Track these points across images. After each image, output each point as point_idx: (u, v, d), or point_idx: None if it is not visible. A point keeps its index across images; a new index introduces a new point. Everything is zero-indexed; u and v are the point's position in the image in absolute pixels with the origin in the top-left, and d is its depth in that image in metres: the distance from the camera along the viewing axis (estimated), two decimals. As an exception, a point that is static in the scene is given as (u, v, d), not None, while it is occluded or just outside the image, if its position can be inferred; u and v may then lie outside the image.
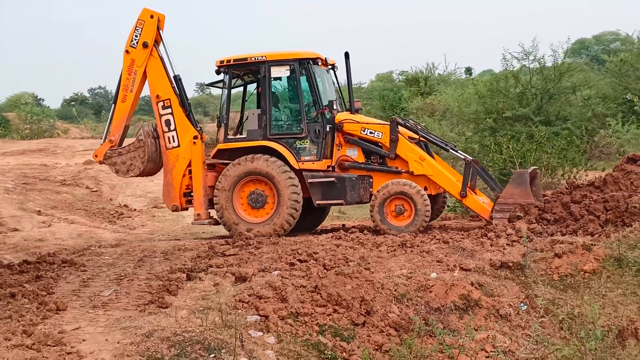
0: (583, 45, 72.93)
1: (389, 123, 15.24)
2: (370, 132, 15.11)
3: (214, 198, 15.19)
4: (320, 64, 15.49)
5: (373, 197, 14.65)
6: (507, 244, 12.33)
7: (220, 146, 15.48)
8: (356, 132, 15.19)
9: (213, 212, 15.66)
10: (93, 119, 63.61)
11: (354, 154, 15.26)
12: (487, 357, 8.87)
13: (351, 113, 15.74)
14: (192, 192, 15.59)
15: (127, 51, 15.52)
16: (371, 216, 14.78)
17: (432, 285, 10.20)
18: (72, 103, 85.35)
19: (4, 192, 20.65)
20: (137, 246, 14.60)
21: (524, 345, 9.01)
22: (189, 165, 15.48)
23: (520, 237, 12.37)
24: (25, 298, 9.24)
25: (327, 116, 15.05)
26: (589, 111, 26.35)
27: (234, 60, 15.43)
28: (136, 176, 16.46)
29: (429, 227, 15.58)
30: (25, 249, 14.54)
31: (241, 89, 17.06)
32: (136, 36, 15.43)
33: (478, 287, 10.39)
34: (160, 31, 15.60)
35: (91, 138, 40.20)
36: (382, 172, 15.02)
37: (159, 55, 15.63)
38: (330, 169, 15.15)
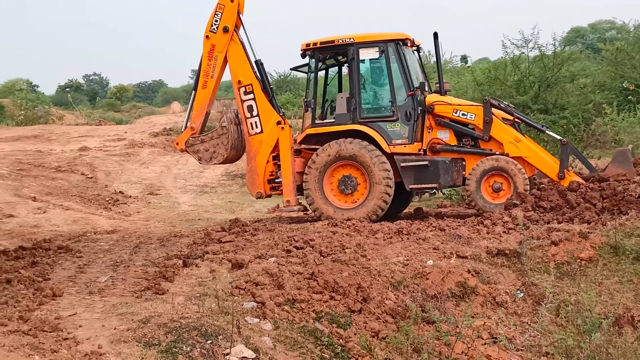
0: (579, 34, 72.94)
1: (481, 104, 14.93)
2: (463, 114, 14.79)
3: (304, 184, 14.95)
4: (409, 44, 15.19)
5: (469, 175, 14.40)
6: (504, 232, 12.34)
7: (309, 131, 15.17)
8: (448, 114, 14.85)
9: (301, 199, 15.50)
10: (88, 106, 63.61)
11: (446, 136, 14.92)
12: (483, 344, 8.88)
13: (441, 94, 15.33)
14: (276, 178, 15.37)
15: (207, 36, 15.34)
16: (467, 195, 14.61)
17: (429, 273, 10.21)
18: (67, 89, 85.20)
19: (-1, 179, 20.59)
20: (133, 232, 14.59)
21: (526, 333, 9.01)
22: (273, 151, 15.29)
23: (517, 224, 12.39)
24: (21, 284, 9.21)
25: (419, 98, 14.74)
26: (588, 100, 26.31)
27: (321, 43, 15.14)
28: (219, 164, 16.28)
29: (425, 214, 15.58)
30: (20, 235, 14.48)
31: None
32: (216, 21, 15.23)
33: (474, 274, 10.41)
34: (241, 15, 15.38)
35: (86, 124, 40.14)
36: (475, 154, 14.70)
37: (239, 39, 15.42)
38: (422, 152, 14.82)
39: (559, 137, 14.98)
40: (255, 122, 15.28)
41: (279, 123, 15.20)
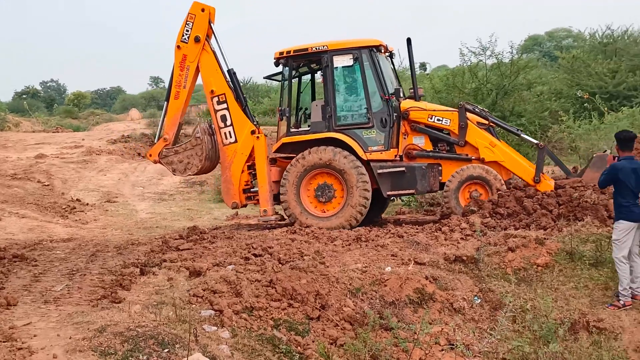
0: (536, 42, 73.80)
1: (456, 109, 14.96)
2: (438, 119, 14.81)
3: (281, 193, 14.88)
4: (382, 51, 15.19)
5: (448, 182, 14.42)
6: (461, 238, 12.43)
7: (285, 139, 15.12)
8: (423, 120, 14.85)
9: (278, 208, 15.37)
10: (45, 112, 62.88)
11: (421, 142, 14.92)
12: (441, 350, 8.91)
13: (415, 100, 15.29)
14: (251, 188, 15.30)
15: (178, 46, 15.23)
16: (445, 201, 14.60)
17: (387, 279, 10.23)
18: (24, 96, 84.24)
19: (-47, 186, 20.31)
20: (89, 240, 14.44)
21: (483, 340, 9.06)
22: (248, 160, 15.21)
23: (474, 231, 12.47)
24: (-26, 293, 9.08)
25: (394, 104, 14.72)
26: (545, 107, 26.63)
27: (294, 51, 15.07)
28: (194, 174, 16.14)
29: (384, 221, 15.63)
30: (-25, 243, 14.26)
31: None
32: (187, 31, 15.14)
33: (432, 280, 10.46)
34: (212, 24, 15.27)
35: (43, 132, 39.70)
36: (452, 159, 14.73)
37: (211, 49, 15.33)
38: (398, 158, 14.81)
39: (535, 141, 15.11)
40: (229, 132, 15.24)
41: (253, 132, 15.15)
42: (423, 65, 38.92)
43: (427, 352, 8.51)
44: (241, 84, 15.91)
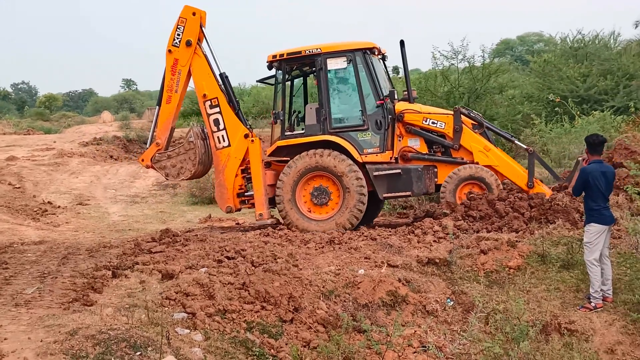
0: (508, 46, 74.38)
1: (451, 113, 14.97)
2: (433, 122, 14.84)
3: (276, 197, 14.82)
4: (376, 53, 15.13)
5: (445, 182, 14.44)
6: (434, 241, 12.47)
7: (279, 143, 15.05)
8: (418, 122, 14.89)
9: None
10: (16, 115, 62.43)
11: (416, 144, 14.95)
12: (414, 352, 8.94)
13: (409, 102, 15.31)
14: (245, 192, 15.19)
15: (169, 51, 15.13)
16: (441, 202, 14.59)
17: (360, 282, 10.25)
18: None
19: None
20: (61, 243, 14.34)
21: (455, 341, 9.10)
22: (241, 164, 15.11)
23: (447, 233, 12.51)
24: (-56, 296, 8.99)
25: (388, 106, 14.68)
26: (517, 111, 26.80)
27: (288, 54, 15.00)
28: (187, 179, 16.06)
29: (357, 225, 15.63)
30: (-56, 246, 14.11)
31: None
32: (178, 35, 15.04)
33: (405, 283, 10.49)
34: (203, 28, 15.17)
35: (14, 134, 39.41)
36: (447, 162, 14.75)
37: (203, 53, 15.23)
38: (394, 160, 14.79)
39: (525, 147, 15.17)
40: (222, 136, 15.15)
41: (246, 136, 15.09)
42: (396, 69, 39.07)
43: (400, 355, 8.54)
44: (233, 88, 15.83)
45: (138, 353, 7.04)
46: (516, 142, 15.52)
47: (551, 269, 10.89)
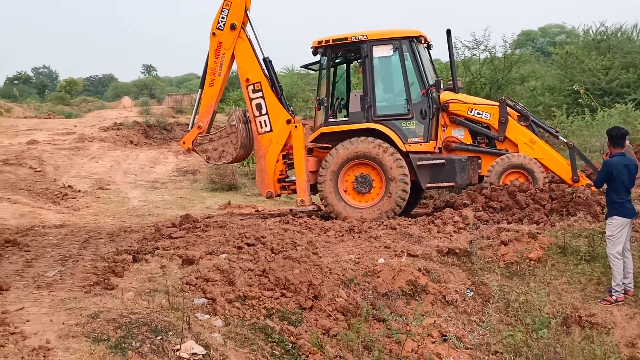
0: (529, 37, 73.84)
1: (497, 104, 14.86)
2: (478, 113, 14.72)
3: (318, 184, 14.73)
4: (422, 41, 15.04)
5: (488, 170, 14.30)
6: (454, 231, 12.43)
7: (323, 129, 14.95)
8: (462, 113, 14.76)
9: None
10: (37, 99, 62.65)
11: (461, 134, 14.81)
12: (433, 342, 8.93)
13: (454, 92, 15.21)
14: (286, 177, 15.19)
15: (213, 33, 15.09)
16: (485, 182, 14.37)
17: (380, 271, 10.25)
18: (16, 82, 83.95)
19: (-56, 171, 20.23)
20: (82, 227, 14.40)
21: (475, 332, 9.08)
22: (283, 150, 15.08)
23: (467, 224, 12.47)
24: (-34, 278, 9.05)
25: (433, 96, 14.60)
26: (538, 102, 26.64)
27: (333, 40, 14.93)
28: (228, 163, 16.09)
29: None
30: (-34, 228, 14.21)
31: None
32: (223, 18, 14.98)
33: (425, 273, 10.48)
34: (248, 12, 15.14)
35: (35, 117, 39.55)
36: (491, 154, 14.59)
37: (247, 37, 15.19)
38: (438, 150, 14.69)
39: (565, 140, 15.01)
40: (265, 121, 15.12)
41: (289, 122, 15.06)
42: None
43: (419, 344, 8.53)
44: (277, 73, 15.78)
45: (159, 337, 7.07)
46: (560, 138, 15.20)
47: (572, 261, 10.85)
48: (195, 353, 7.02)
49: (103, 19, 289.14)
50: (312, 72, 16.35)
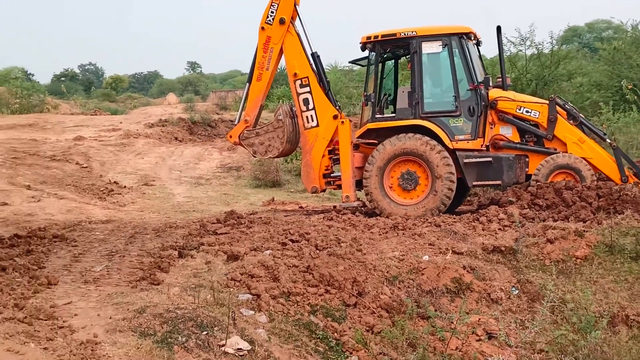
0: (575, 33, 72.98)
1: (546, 102, 14.75)
2: (527, 111, 14.58)
3: (364, 180, 14.71)
4: (472, 38, 14.98)
5: (536, 171, 14.18)
6: (499, 229, 12.34)
7: (370, 125, 14.94)
8: (511, 111, 14.63)
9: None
10: (83, 95, 63.38)
11: (509, 132, 14.69)
12: (478, 340, 8.89)
13: (503, 89, 15.12)
14: (331, 173, 15.25)
15: (262, 28, 15.18)
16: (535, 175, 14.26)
17: (424, 268, 10.21)
18: (62, 79, 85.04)
19: (-7, 166, 20.53)
20: (128, 222, 14.55)
21: (524, 330, 9.00)
22: (329, 145, 15.13)
23: (513, 222, 12.37)
24: (16, 272, 9.19)
25: (482, 93, 14.53)
26: (585, 99, 26.31)
27: (382, 36, 14.91)
28: (274, 157, 16.18)
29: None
30: (15, 223, 14.41)
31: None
32: (272, 12, 15.06)
33: (470, 270, 10.42)
34: (297, 7, 15.21)
35: (81, 114, 39.99)
36: (539, 153, 14.48)
37: (295, 31, 15.28)
38: (485, 148, 14.61)
39: (609, 141, 14.79)
40: (311, 116, 15.15)
41: (335, 117, 15.06)
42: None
43: (464, 342, 8.48)
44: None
45: (205, 333, 7.13)
46: (608, 140, 14.89)
47: (619, 259, 10.69)
48: (241, 348, 7.07)
49: (149, 17, 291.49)
50: (355, 69, 16.35)
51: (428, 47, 14.63)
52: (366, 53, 15.40)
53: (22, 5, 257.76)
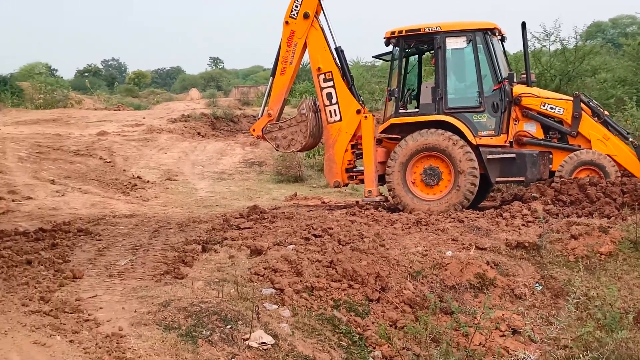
0: (599, 28, 72.51)
1: (571, 98, 14.69)
2: (551, 108, 14.52)
3: (386, 175, 14.72)
4: (496, 34, 14.95)
5: (560, 167, 14.13)
6: (523, 224, 12.29)
7: (393, 120, 14.94)
8: (535, 107, 14.58)
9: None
10: (106, 91, 63.65)
11: (532, 129, 14.64)
12: (501, 335, 8.86)
13: (527, 86, 15.04)
14: (354, 167, 15.30)
15: (286, 22, 15.24)
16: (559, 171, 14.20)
17: (448, 264, 10.20)
18: (86, 74, 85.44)
19: (18, 161, 20.68)
20: (151, 217, 14.61)
21: (549, 327, 8.96)
22: (351, 139, 15.17)
23: (536, 217, 12.31)
24: (41, 265, 9.27)
25: (506, 89, 14.46)
26: (609, 95, 26.12)
27: (406, 31, 14.90)
28: (297, 151, 16.30)
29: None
30: (39, 217, 14.54)
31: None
32: (296, 6, 15.11)
33: (493, 266, 10.39)
34: (321, 1, 15.27)
35: (105, 109, 40.18)
36: (563, 149, 14.39)
37: (320, 26, 15.32)
38: (508, 144, 14.55)
39: (631, 139, 14.69)
40: (335, 110, 15.18)
41: (358, 112, 15.08)
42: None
43: (487, 337, 8.46)
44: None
45: (229, 326, 7.16)
46: (630, 139, 14.77)
47: (644, 256, 10.65)
48: (264, 342, 7.10)
49: (171, 13, 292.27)
50: (378, 64, 16.34)
51: (452, 43, 14.59)
52: (390, 48, 15.36)
53: (46, 1, 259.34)
